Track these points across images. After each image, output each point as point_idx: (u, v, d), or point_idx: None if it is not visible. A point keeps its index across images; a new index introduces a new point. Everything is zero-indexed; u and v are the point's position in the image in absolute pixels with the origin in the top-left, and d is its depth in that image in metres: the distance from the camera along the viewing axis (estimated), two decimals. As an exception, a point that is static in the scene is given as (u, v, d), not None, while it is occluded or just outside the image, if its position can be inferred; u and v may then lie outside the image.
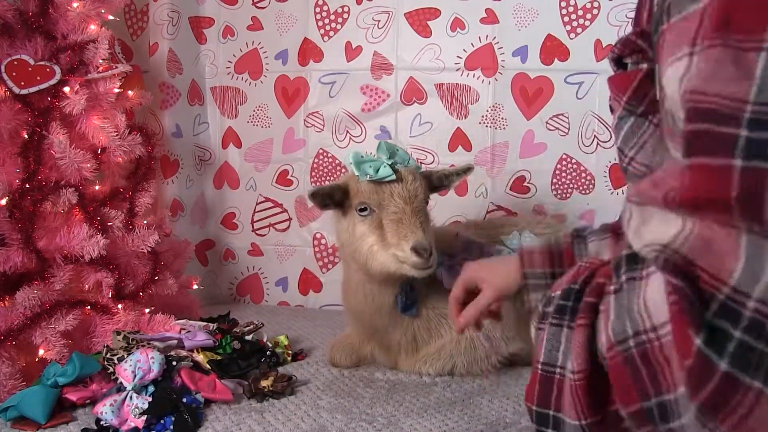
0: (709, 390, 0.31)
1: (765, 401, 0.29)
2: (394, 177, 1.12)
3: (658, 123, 0.48)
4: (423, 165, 1.78)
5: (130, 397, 1.02)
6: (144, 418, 1.00)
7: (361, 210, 1.14)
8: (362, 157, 1.15)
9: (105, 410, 0.99)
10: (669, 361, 0.35)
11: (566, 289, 0.48)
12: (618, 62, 0.58)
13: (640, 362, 0.37)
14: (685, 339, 0.34)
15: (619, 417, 0.40)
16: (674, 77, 0.38)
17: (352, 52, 1.80)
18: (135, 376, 1.03)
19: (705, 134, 0.34)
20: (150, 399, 1.02)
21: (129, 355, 1.08)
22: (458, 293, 0.94)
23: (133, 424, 1.00)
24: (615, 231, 0.93)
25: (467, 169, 1.25)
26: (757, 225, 0.32)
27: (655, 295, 0.39)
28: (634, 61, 0.56)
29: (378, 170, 1.13)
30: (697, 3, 0.39)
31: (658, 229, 0.39)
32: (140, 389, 1.04)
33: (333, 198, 1.17)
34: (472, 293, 0.91)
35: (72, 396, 1.07)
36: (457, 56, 1.74)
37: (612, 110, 0.61)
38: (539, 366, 0.47)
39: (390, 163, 1.14)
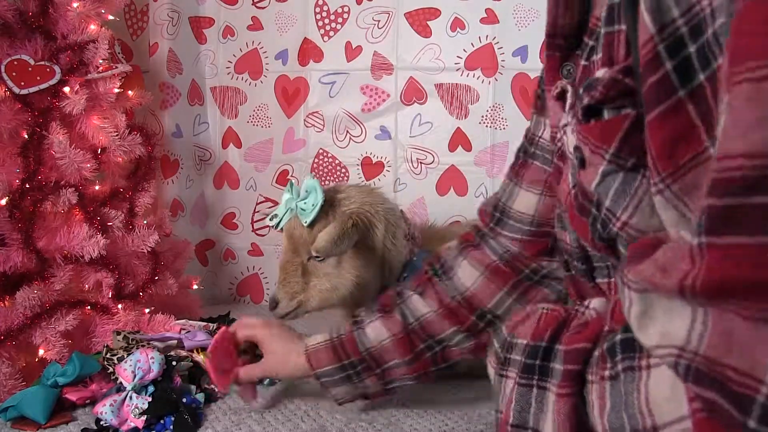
0: None
1: None
2: (274, 227, 1.19)
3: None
4: (422, 165, 1.79)
5: (130, 397, 1.02)
6: (144, 418, 1.00)
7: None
8: (289, 189, 1.18)
9: (105, 410, 0.99)
10: None
11: (532, 346, 0.45)
12: (590, 109, 0.49)
13: None
14: None
15: None
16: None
17: (352, 52, 1.81)
18: (135, 376, 1.03)
19: (732, 210, 0.29)
20: (150, 399, 1.02)
21: (129, 355, 1.08)
22: (239, 333, 1.08)
23: (133, 424, 1.00)
24: (382, 309, 0.98)
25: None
26: None
27: (657, 395, 0.37)
28: (615, 107, 0.47)
29: (277, 210, 1.19)
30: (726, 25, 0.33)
31: (665, 323, 0.34)
32: (140, 389, 1.04)
33: None
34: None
35: (72, 396, 1.07)
36: (457, 56, 1.74)
37: (584, 164, 0.51)
38: (509, 428, 0.44)
39: (294, 206, 1.15)
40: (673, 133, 0.38)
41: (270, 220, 1.19)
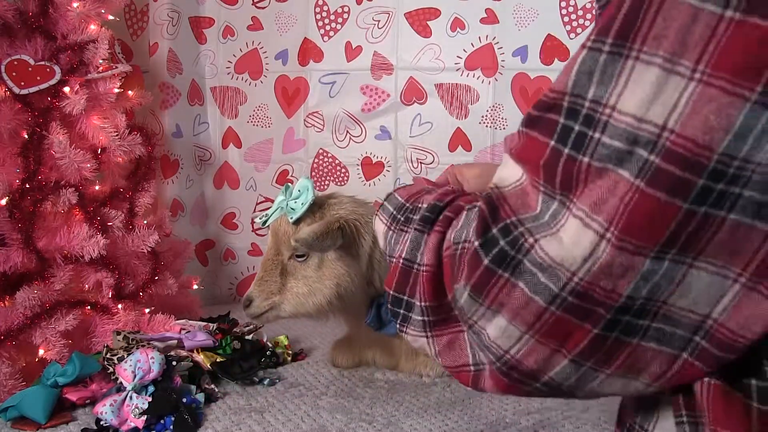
0: (475, 277, 0.44)
1: (508, 287, 0.42)
2: (261, 224, 1.18)
3: None
4: (422, 165, 1.79)
5: (130, 397, 1.02)
6: (144, 418, 1.00)
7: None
8: (285, 189, 1.18)
9: (105, 410, 0.99)
10: (466, 260, 0.46)
11: (432, 204, 0.57)
12: None
13: (457, 258, 0.48)
14: (466, 240, 0.47)
15: (450, 306, 0.51)
16: None
17: (352, 52, 1.81)
18: (135, 376, 1.03)
19: (538, 119, 0.43)
20: (150, 399, 1.02)
21: (129, 355, 1.08)
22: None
23: (133, 424, 1.00)
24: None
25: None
26: (551, 187, 0.41)
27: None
28: None
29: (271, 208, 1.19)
30: None
31: (508, 172, 0.46)
32: (140, 389, 1.04)
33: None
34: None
35: (72, 396, 1.07)
36: (457, 56, 1.74)
37: None
38: (401, 260, 0.56)
39: (284, 205, 1.15)
40: None
41: (259, 219, 1.19)
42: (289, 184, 1.19)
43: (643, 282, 0.39)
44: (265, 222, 1.17)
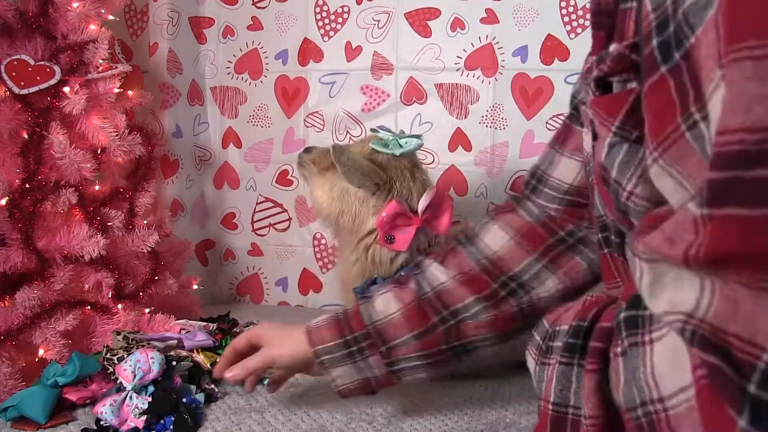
0: None
1: None
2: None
3: None
4: (423, 165, 1.78)
5: (130, 397, 1.02)
6: (144, 418, 1.00)
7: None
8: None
9: (105, 410, 0.99)
10: None
11: (575, 326, 0.46)
12: (600, 82, 0.52)
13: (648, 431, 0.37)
14: (723, 421, 0.31)
15: None
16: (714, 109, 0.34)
17: (352, 52, 1.81)
18: (135, 376, 1.03)
19: (732, 182, 0.30)
20: (150, 399, 1.02)
21: (129, 355, 1.08)
22: (239, 344, 0.98)
23: (133, 424, 1.00)
24: (398, 282, 0.92)
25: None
26: None
27: (661, 367, 0.38)
28: (621, 80, 0.50)
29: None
30: (710, 9, 0.34)
31: (675, 291, 0.35)
32: (140, 389, 1.04)
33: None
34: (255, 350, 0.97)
35: (72, 396, 1.07)
36: (457, 56, 1.74)
37: (595, 137, 0.55)
38: (550, 406, 0.45)
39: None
40: (660, 104, 0.41)
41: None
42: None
43: None
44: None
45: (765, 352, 0.29)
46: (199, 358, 1.22)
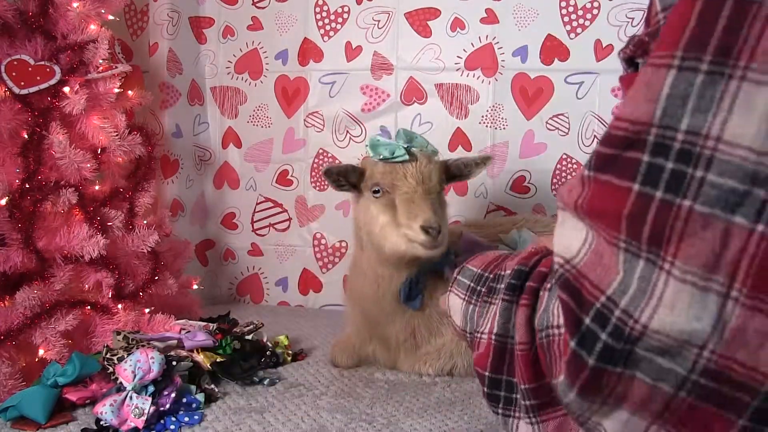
0: (582, 379, 0.38)
1: (624, 381, 0.36)
2: (406, 157, 1.14)
3: None
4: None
5: (130, 397, 1.02)
6: (144, 418, 1.00)
7: (375, 191, 1.16)
8: (378, 140, 1.16)
9: (105, 410, 0.99)
10: (560, 354, 0.41)
11: (517, 269, 0.51)
12: (630, 62, 0.56)
13: (547, 350, 0.43)
14: (565, 341, 0.40)
15: (550, 387, 0.45)
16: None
17: (352, 52, 1.80)
18: (135, 376, 1.03)
19: (613, 157, 0.37)
20: (150, 399, 1.02)
21: (129, 355, 1.08)
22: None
23: (133, 424, 1.00)
24: None
25: (486, 159, 1.25)
26: (635, 243, 0.35)
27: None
28: (644, 62, 0.53)
29: (393, 152, 1.14)
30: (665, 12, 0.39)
31: (569, 235, 0.41)
32: (140, 389, 1.04)
33: (347, 178, 1.20)
34: None
35: (72, 396, 1.07)
36: (457, 56, 1.74)
37: None
38: (493, 336, 0.51)
39: (406, 146, 1.15)
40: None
41: (392, 155, 1.14)
42: (402, 129, 1.20)
43: None
44: (401, 155, 1.14)
45: (603, 295, 0.37)
46: (199, 358, 1.22)
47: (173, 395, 1.05)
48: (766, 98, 0.31)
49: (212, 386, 1.15)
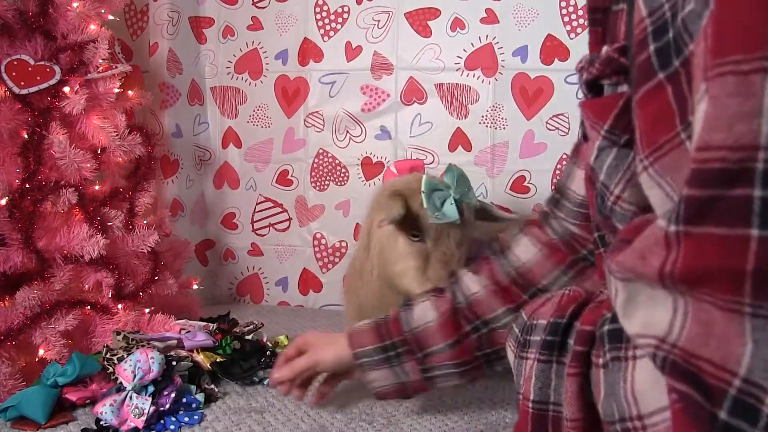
0: None
1: None
2: (459, 221, 1.09)
3: None
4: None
5: (130, 397, 1.02)
6: (144, 418, 1.00)
7: (414, 236, 1.12)
8: (433, 185, 1.11)
9: (104, 410, 0.99)
10: None
11: (553, 323, 0.45)
12: (592, 85, 0.51)
13: None
14: None
15: None
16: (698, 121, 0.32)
17: (352, 52, 1.81)
18: (135, 376, 1.03)
19: (712, 200, 0.29)
20: (150, 399, 1.02)
21: (129, 355, 1.08)
22: (289, 353, 1.01)
23: (132, 425, 1.00)
24: (436, 290, 0.94)
25: (515, 219, 1.23)
26: (763, 303, 0.28)
27: (642, 385, 0.38)
28: (612, 83, 0.49)
29: (443, 204, 1.10)
30: (702, 18, 0.32)
31: (648, 311, 0.34)
32: (140, 389, 1.04)
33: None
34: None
35: (72, 396, 1.07)
36: (457, 56, 1.74)
37: (586, 138, 0.54)
38: (530, 404, 0.45)
39: (457, 196, 1.11)
40: (655, 112, 0.39)
41: (437, 217, 1.08)
42: (451, 166, 1.14)
43: None
44: (454, 219, 1.09)
45: (736, 377, 0.29)
46: (199, 358, 1.22)
47: (173, 395, 1.05)
48: None
49: (212, 386, 1.15)
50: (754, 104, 0.27)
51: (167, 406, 1.04)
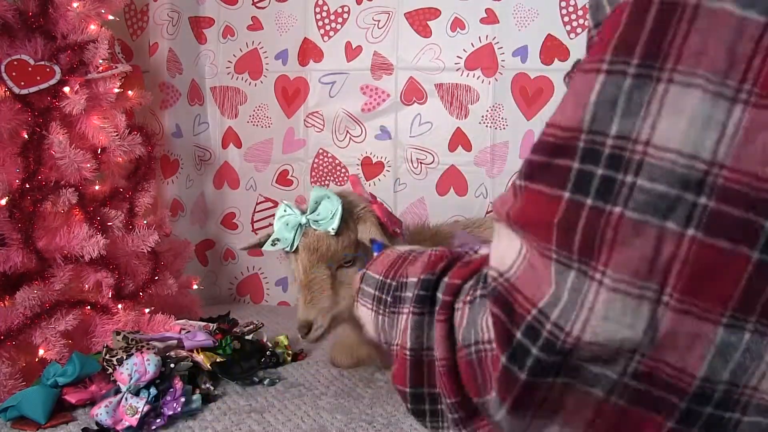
0: (514, 395, 0.37)
1: (556, 391, 0.36)
2: (288, 249, 1.13)
3: None
4: (422, 165, 1.79)
5: (126, 399, 1.02)
6: (137, 416, 1.00)
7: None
8: (285, 211, 1.14)
9: (100, 412, 1.00)
10: (493, 370, 0.40)
11: (424, 279, 0.49)
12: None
13: (477, 366, 0.41)
14: (497, 357, 0.38)
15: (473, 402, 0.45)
16: None
17: (352, 52, 1.80)
18: (131, 378, 1.03)
19: (543, 165, 0.35)
20: (145, 399, 1.02)
21: (127, 358, 1.08)
22: None
23: (127, 423, 1.00)
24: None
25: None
26: (566, 253, 0.34)
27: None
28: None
29: (278, 234, 1.14)
30: (604, 16, 0.38)
31: (504, 247, 0.40)
32: (138, 390, 1.04)
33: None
34: None
35: (71, 398, 1.07)
36: (457, 56, 1.74)
37: None
38: (407, 352, 0.49)
39: (304, 221, 1.12)
40: None
41: (273, 245, 1.13)
42: (286, 204, 1.15)
43: (721, 359, 0.32)
44: (292, 246, 1.12)
45: (534, 308, 0.35)
46: (199, 358, 1.22)
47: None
48: (693, 100, 0.30)
49: (207, 386, 1.15)
50: (584, 97, 0.34)
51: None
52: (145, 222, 1.48)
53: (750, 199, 0.29)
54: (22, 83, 1.26)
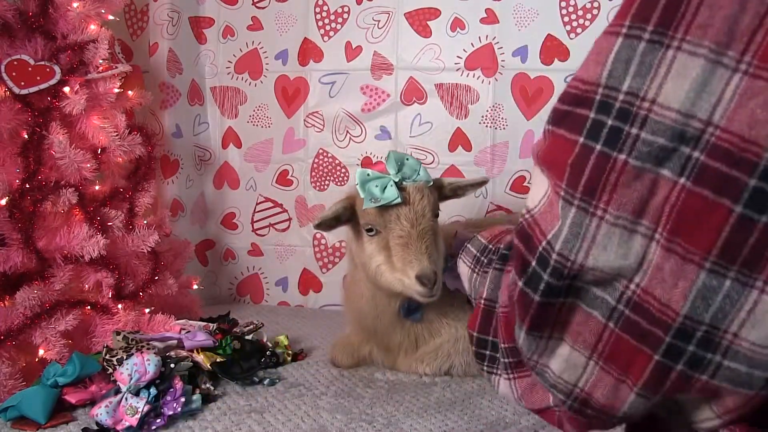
0: (530, 315, 0.42)
1: (565, 309, 0.41)
2: (399, 201, 1.07)
3: None
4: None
5: (126, 399, 1.02)
6: (137, 416, 1.00)
7: (368, 230, 1.11)
8: (368, 175, 1.09)
9: (100, 412, 1.00)
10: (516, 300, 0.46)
11: (510, 241, 0.55)
12: None
13: (514, 302, 0.46)
14: (514, 281, 0.44)
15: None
16: None
17: (352, 52, 1.80)
18: (131, 378, 1.03)
19: (566, 113, 0.40)
20: (145, 399, 1.02)
21: (127, 358, 1.08)
22: None
23: (128, 423, 1.00)
24: None
25: (482, 182, 1.23)
26: (571, 191, 0.39)
27: None
28: None
29: (384, 190, 1.08)
30: None
31: (536, 187, 0.44)
32: (138, 390, 1.04)
33: (340, 220, 1.14)
34: None
35: (71, 398, 1.07)
36: (457, 56, 1.74)
37: None
38: (482, 301, 0.56)
39: (397, 179, 1.09)
40: None
41: (372, 201, 1.07)
42: (362, 169, 1.11)
43: (703, 301, 0.35)
44: (393, 199, 1.07)
45: (544, 239, 0.40)
46: (199, 358, 1.22)
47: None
48: (697, 67, 0.34)
49: (207, 386, 1.15)
50: (604, 55, 0.38)
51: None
52: (145, 222, 1.48)
53: (735, 157, 0.33)
54: (22, 83, 1.26)
